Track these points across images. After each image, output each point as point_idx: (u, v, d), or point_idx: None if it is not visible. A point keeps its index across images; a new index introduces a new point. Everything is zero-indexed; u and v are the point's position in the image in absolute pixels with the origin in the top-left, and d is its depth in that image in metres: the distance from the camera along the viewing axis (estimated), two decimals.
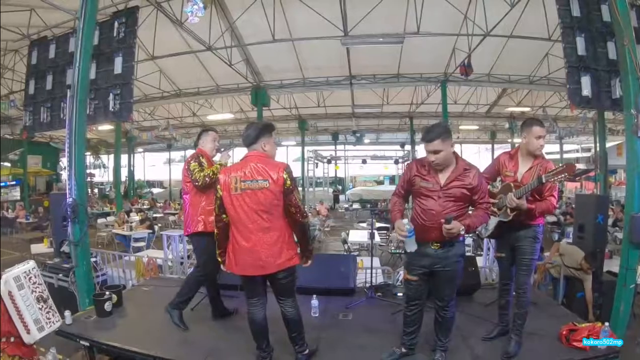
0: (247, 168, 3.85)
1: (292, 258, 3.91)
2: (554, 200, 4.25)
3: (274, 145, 4.05)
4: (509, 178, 4.42)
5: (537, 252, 4.40)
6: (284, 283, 3.96)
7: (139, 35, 8.49)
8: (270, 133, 4.00)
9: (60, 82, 7.81)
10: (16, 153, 24.23)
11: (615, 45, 6.07)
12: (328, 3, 11.79)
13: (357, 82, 17.88)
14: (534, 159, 4.34)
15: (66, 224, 6.36)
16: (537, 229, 4.35)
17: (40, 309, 2.59)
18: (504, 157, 4.61)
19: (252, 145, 3.96)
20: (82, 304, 6.15)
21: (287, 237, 3.91)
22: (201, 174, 4.94)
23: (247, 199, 3.81)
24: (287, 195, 3.80)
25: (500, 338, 4.64)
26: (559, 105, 20.83)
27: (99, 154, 31.88)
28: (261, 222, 3.82)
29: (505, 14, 10.95)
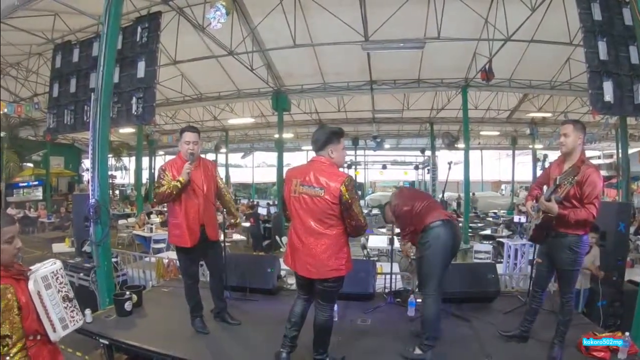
0: (309, 173, 3.89)
1: (339, 269, 3.88)
2: (593, 210, 4.03)
3: (342, 152, 4.03)
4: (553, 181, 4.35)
5: (576, 264, 4.25)
6: (327, 290, 3.99)
7: (162, 40, 8.58)
8: (339, 140, 3.99)
9: (83, 86, 7.95)
10: (39, 154, 24.61)
11: (638, 49, 6.03)
12: (348, 8, 11.80)
13: (377, 87, 17.83)
14: (577, 161, 4.20)
15: (88, 224, 6.46)
16: (575, 239, 4.19)
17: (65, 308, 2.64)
18: (554, 164, 4.59)
19: (320, 151, 3.98)
20: (102, 303, 6.25)
21: (338, 247, 3.88)
22: (157, 191, 4.86)
23: (303, 203, 3.88)
24: (346, 208, 3.77)
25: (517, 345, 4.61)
26: (581, 111, 20.52)
27: (121, 156, 32.16)
28: (313, 228, 3.86)
29: (526, 18, 10.88)
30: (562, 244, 4.22)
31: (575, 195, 4.08)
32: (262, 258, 6.85)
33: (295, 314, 4.17)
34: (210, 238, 5.04)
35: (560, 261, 4.25)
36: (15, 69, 16.66)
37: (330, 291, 4.00)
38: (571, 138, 4.18)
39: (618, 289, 6.66)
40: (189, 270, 5.11)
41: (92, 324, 5.07)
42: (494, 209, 24.38)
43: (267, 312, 5.49)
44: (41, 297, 2.54)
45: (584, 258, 4.39)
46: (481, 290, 6.07)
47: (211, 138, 29.22)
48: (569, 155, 4.31)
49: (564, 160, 4.38)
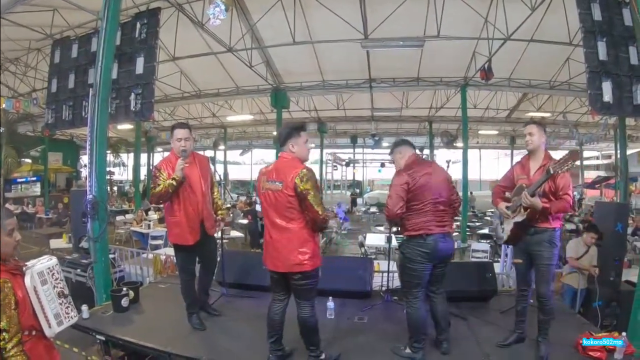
0: (273, 169, 3.99)
1: (302, 264, 3.87)
2: (569, 199, 4.25)
3: (303, 145, 4.06)
4: (522, 181, 4.44)
5: (554, 258, 4.36)
6: (297, 285, 3.99)
7: (160, 36, 8.56)
8: (299, 134, 4.03)
9: (82, 81, 7.94)
10: (37, 150, 24.62)
11: (637, 50, 6.03)
12: (348, 6, 11.80)
13: (376, 85, 17.84)
14: (542, 160, 4.37)
15: (86, 220, 6.45)
16: (554, 233, 4.31)
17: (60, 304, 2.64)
18: (516, 166, 4.71)
19: (282, 146, 4.05)
20: (99, 299, 6.24)
21: (300, 241, 3.89)
22: (153, 190, 4.88)
23: (268, 199, 3.94)
24: (301, 200, 3.81)
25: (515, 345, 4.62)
26: (580, 111, 20.59)
27: (119, 153, 32.16)
28: (277, 223, 3.92)
29: (526, 17, 10.87)
30: (543, 239, 4.30)
31: (550, 189, 4.23)
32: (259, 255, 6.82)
33: (270, 318, 4.18)
34: (209, 233, 5.06)
35: (541, 256, 4.31)
36: (14, 64, 16.66)
37: (301, 288, 4.00)
38: (536, 137, 4.40)
39: (615, 289, 6.69)
40: (188, 267, 5.11)
41: (89, 320, 5.07)
42: (491, 208, 24.33)
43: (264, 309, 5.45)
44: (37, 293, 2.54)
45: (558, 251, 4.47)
46: (478, 289, 6.08)
47: (210, 135, 29.25)
48: (533, 154, 4.48)
49: (529, 159, 4.54)
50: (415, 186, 4.18)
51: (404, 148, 4.52)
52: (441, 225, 4.26)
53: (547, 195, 4.24)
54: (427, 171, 4.27)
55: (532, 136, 4.40)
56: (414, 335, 4.30)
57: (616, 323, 6.36)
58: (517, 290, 4.81)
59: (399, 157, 4.50)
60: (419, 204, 4.18)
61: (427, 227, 4.18)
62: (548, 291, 4.34)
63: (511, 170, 4.77)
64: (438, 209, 4.25)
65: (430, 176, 4.26)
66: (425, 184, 4.20)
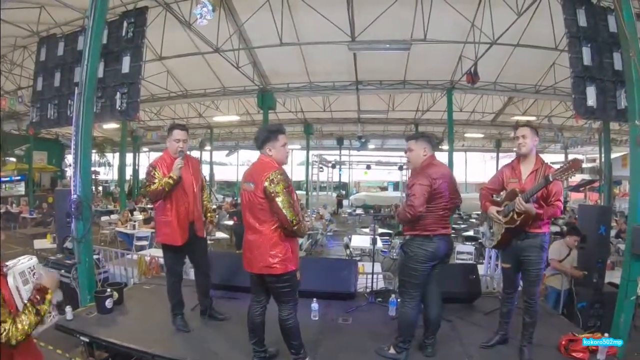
0: (250, 170, 4.05)
1: (272, 267, 3.86)
2: (560, 205, 4.25)
3: (280, 149, 4.04)
4: (513, 184, 4.42)
5: (544, 262, 4.39)
6: (272, 287, 4.02)
7: (147, 36, 8.52)
8: (276, 137, 4.01)
9: (67, 80, 7.85)
10: (22, 149, 24.38)
11: (622, 55, 6.08)
12: (336, 8, 11.82)
13: (363, 87, 17.91)
14: (534, 164, 4.36)
15: (70, 220, 6.40)
16: (544, 237, 4.32)
17: None
18: (506, 168, 4.65)
19: (260, 149, 4.05)
20: (83, 301, 6.18)
21: (271, 244, 3.87)
22: (149, 189, 4.88)
23: (244, 199, 3.99)
24: (270, 201, 3.80)
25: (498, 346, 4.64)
26: (565, 115, 20.83)
27: (104, 152, 31.95)
28: (250, 223, 3.96)
29: (512, 22, 10.98)
30: (534, 244, 4.29)
31: (542, 195, 4.20)
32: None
33: (250, 319, 4.19)
34: (198, 234, 5.04)
35: (531, 262, 4.31)
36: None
37: (277, 291, 4.01)
38: (529, 140, 4.34)
39: (598, 290, 6.74)
40: (175, 268, 5.11)
41: (72, 321, 5.03)
42: (477, 211, 24.44)
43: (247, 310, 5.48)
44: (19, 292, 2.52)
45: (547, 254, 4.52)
46: (463, 290, 6.12)
47: (196, 135, 29.13)
48: (525, 157, 4.44)
49: (519, 162, 4.49)
50: (434, 190, 4.19)
51: (429, 146, 4.45)
52: (445, 227, 4.33)
53: (539, 200, 4.22)
54: (445, 179, 4.29)
55: (525, 139, 4.35)
56: (402, 335, 4.32)
57: (600, 324, 6.41)
58: (503, 292, 4.80)
59: (421, 153, 4.42)
60: (431, 207, 4.19)
61: (434, 228, 4.23)
62: (536, 294, 4.36)
63: (500, 172, 4.71)
64: (445, 213, 4.32)
65: (447, 183, 4.30)
66: (443, 190, 4.24)
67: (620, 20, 5.75)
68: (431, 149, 4.45)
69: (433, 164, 4.36)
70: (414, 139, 4.54)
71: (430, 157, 4.41)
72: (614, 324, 5.64)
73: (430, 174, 4.21)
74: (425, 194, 4.15)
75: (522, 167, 4.45)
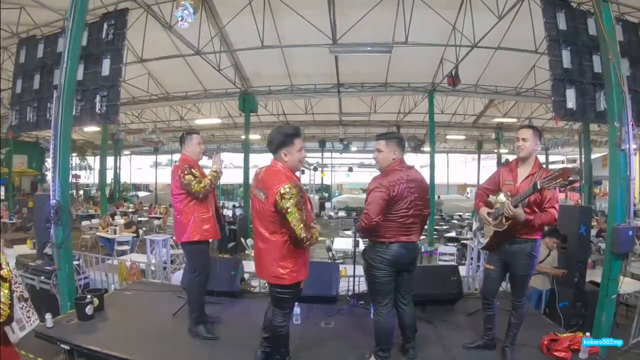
0: (262, 176, 3.91)
1: (281, 277, 3.81)
2: (555, 212, 4.17)
3: (296, 154, 3.91)
4: (508, 186, 4.40)
5: (532, 269, 4.37)
6: (274, 294, 3.98)
7: (128, 38, 8.44)
8: (292, 141, 3.87)
9: (47, 82, 7.76)
10: (1, 152, 23.99)
11: (601, 58, 6.16)
12: (317, 11, 11.81)
13: (345, 90, 17.89)
14: (532, 168, 4.31)
15: (49, 225, 6.31)
16: (534, 244, 4.29)
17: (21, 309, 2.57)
18: (504, 169, 4.62)
19: (274, 154, 3.92)
20: (64, 307, 6.10)
21: (281, 254, 3.80)
22: (200, 186, 4.95)
23: (255, 206, 3.92)
24: (282, 217, 3.68)
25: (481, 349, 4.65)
26: (546, 117, 21.00)
27: (85, 156, 31.63)
28: (260, 231, 3.87)
29: (493, 25, 11.05)
30: (523, 251, 4.26)
31: (535, 200, 4.16)
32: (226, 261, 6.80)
33: (266, 317, 4.15)
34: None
35: (519, 267, 4.30)
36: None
37: (276, 296, 3.98)
38: (529, 142, 4.29)
39: (580, 289, 6.81)
40: (207, 266, 5.25)
41: (53, 328, 4.98)
42: (459, 212, 24.67)
43: (231, 316, 5.45)
44: None
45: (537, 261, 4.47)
46: (444, 292, 6.15)
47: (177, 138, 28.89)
48: (524, 159, 4.39)
49: (517, 165, 4.46)
50: (394, 197, 4.09)
51: (399, 149, 4.33)
52: (407, 234, 4.22)
53: (532, 206, 4.18)
54: (411, 185, 4.18)
55: (525, 142, 4.30)
56: (379, 344, 4.29)
57: (582, 323, 6.48)
58: (481, 299, 4.75)
59: (390, 156, 4.29)
60: (390, 214, 4.11)
61: (392, 235, 4.15)
62: (523, 296, 4.37)
63: (498, 172, 4.69)
64: (407, 221, 4.19)
65: (412, 190, 4.18)
66: (404, 197, 4.13)
67: (599, 24, 5.84)
68: (401, 152, 4.35)
69: (398, 169, 4.25)
70: (384, 139, 4.38)
71: (398, 162, 4.30)
72: (595, 323, 5.75)
73: (390, 180, 4.12)
74: (382, 202, 4.08)
75: (519, 170, 4.42)
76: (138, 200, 30.19)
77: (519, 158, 4.42)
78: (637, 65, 6.73)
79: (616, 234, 5.54)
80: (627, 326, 6.59)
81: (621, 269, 5.84)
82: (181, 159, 5.26)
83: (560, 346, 4.38)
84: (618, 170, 5.68)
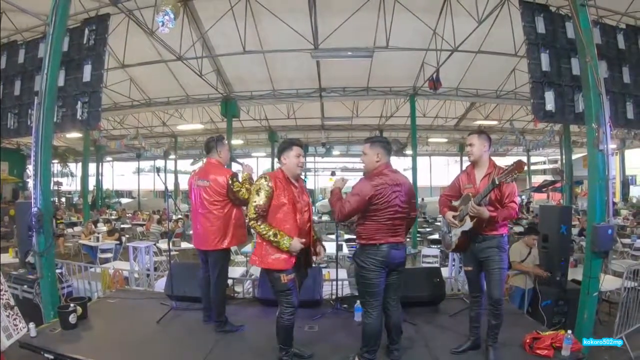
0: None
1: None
2: (515, 206, 4.35)
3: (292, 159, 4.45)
4: (469, 190, 4.55)
5: (504, 262, 4.45)
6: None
7: (110, 43, 8.42)
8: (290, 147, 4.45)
9: (28, 88, 7.68)
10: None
11: (579, 61, 6.25)
12: (299, 16, 11.85)
13: (327, 94, 18.00)
14: (487, 168, 4.49)
15: (31, 234, 6.25)
16: (501, 239, 4.42)
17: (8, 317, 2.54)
18: (462, 175, 4.81)
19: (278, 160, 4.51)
20: (47, 316, 6.04)
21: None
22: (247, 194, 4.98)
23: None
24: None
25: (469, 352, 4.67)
26: (526, 119, 21.25)
27: (67, 162, 31.29)
28: None
29: (473, 30, 11.17)
30: (491, 245, 4.39)
31: (496, 197, 4.32)
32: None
33: None
34: None
35: (492, 262, 4.38)
36: None
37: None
38: (476, 147, 4.52)
39: (562, 288, 6.89)
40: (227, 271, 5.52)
41: (36, 338, 4.91)
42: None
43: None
44: None
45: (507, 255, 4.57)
46: (427, 294, 6.19)
47: (160, 144, 28.80)
48: (477, 162, 4.60)
49: (473, 168, 4.65)
50: (379, 200, 4.14)
51: (384, 153, 4.39)
52: (394, 235, 4.26)
53: (494, 203, 4.33)
54: (396, 189, 4.22)
55: (472, 147, 4.55)
56: (366, 345, 4.30)
57: (565, 321, 6.55)
58: (470, 297, 4.87)
59: (374, 158, 4.35)
60: (377, 217, 4.16)
61: (381, 236, 4.19)
62: (500, 296, 4.41)
63: (457, 179, 4.86)
64: (395, 223, 4.24)
65: (398, 194, 4.22)
66: (390, 200, 4.17)
67: (577, 27, 5.91)
68: (385, 155, 4.39)
69: (383, 173, 4.28)
70: (369, 142, 4.50)
71: (382, 165, 4.34)
72: (578, 320, 5.82)
73: (374, 184, 4.16)
74: (360, 205, 4.15)
75: (475, 173, 4.60)
76: (121, 207, 29.92)
77: (472, 162, 4.66)
78: (614, 68, 6.88)
79: (596, 232, 5.63)
80: (610, 323, 6.68)
81: (602, 267, 5.93)
82: (217, 164, 5.34)
83: (543, 344, 4.44)
84: (597, 170, 5.76)
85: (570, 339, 4.39)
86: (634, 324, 6.21)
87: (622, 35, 7.14)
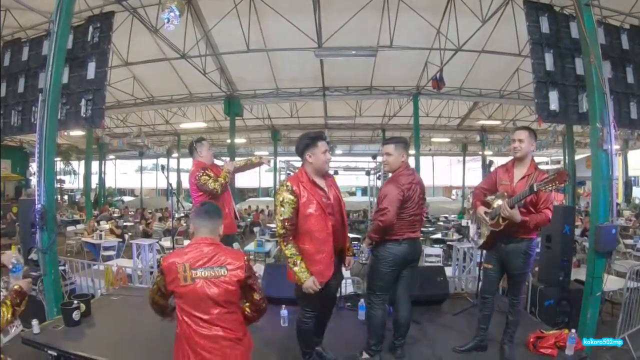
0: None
1: None
2: (549, 213, 4.19)
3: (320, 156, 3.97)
4: (504, 187, 4.43)
5: (528, 267, 4.42)
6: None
7: (114, 41, 8.43)
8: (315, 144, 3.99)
9: (32, 86, 7.69)
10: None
11: (583, 61, 6.24)
12: (303, 15, 11.84)
13: (330, 93, 17.98)
14: (528, 169, 4.35)
15: (34, 231, 6.26)
16: (530, 243, 4.33)
17: None
18: (500, 169, 4.64)
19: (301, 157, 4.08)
20: (50, 313, 6.04)
21: None
22: (216, 184, 5.20)
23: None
24: None
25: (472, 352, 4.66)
26: (529, 119, 21.08)
27: (70, 160, 31.30)
28: None
29: (477, 29, 11.15)
30: (519, 249, 4.30)
31: (531, 201, 4.18)
32: None
33: None
34: None
35: (516, 266, 4.33)
36: None
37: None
38: (525, 143, 4.32)
39: (565, 288, 6.87)
40: None
41: (39, 335, 4.92)
42: (444, 214, 24.70)
43: None
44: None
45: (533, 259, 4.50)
46: (431, 293, 6.19)
47: (163, 142, 28.79)
48: (520, 160, 4.42)
49: (514, 165, 4.49)
50: (405, 197, 4.20)
51: (406, 153, 4.47)
52: (413, 231, 4.35)
53: (528, 206, 4.21)
54: (416, 186, 4.34)
55: (521, 143, 4.33)
56: (372, 337, 4.36)
57: (568, 321, 6.53)
58: (480, 297, 4.79)
59: (400, 158, 4.41)
60: (403, 213, 4.22)
61: (403, 232, 4.25)
62: (520, 294, 4.43)
63: (494, 172, 4.71)
64: (414, 218, 4.33)
65: (417, 191, 4.33)
66: (412, 196, 4.27)
67: (581, 27, 5.90)
68: (407, 155, 4.49)
69: (405, 172, 4.36)
70: (392, 143, 4.49)
71: (405, 164, 4.42)
72: (581, 320, 5.80)
73: (402, 182, 4.23)
74: (398, 204, 4.16)
75: (515, 170, 4.45)
76: (124, 205, 29.91)
77: (515, 159, 4.46)
78: (618, 68, 6.86)
79: (599, 232, 5.61)
80: (613, 323, 6.66)
81: (605, 267, 5.91)
82: (194, 164, 5.49)
83: (547, 343, 4.45)
84: (600, 170, 5.75)
85: (574, 338, 4.39)
86: (636, 324, 6.19)
87: (626, 35, 7.11)
